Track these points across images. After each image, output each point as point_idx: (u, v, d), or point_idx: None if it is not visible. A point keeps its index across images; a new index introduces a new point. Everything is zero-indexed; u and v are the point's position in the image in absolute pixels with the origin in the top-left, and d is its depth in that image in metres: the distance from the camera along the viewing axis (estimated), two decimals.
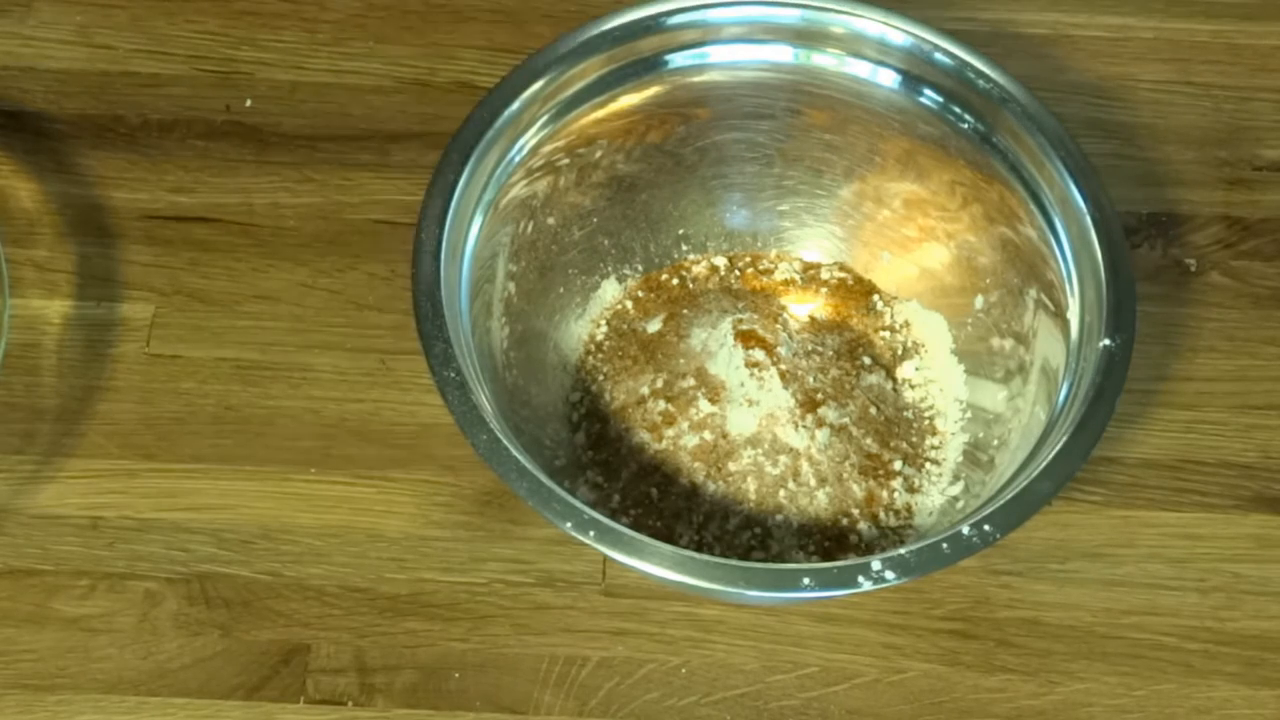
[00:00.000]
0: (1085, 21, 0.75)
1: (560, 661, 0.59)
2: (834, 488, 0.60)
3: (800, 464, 0.60)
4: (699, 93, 0.63)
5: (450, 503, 0.62)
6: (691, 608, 0.60)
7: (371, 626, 0.59)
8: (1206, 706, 0.59)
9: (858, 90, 0.63)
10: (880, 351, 0.65)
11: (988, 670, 0.59)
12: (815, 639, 0.60)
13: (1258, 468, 0.64)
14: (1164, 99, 0.73)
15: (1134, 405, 0.64)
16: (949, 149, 0.62)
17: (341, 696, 0.58)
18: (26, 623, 0.59)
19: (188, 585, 0.60)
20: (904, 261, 0.66)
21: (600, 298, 0.66)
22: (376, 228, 0.67)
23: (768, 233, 0.67)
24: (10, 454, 0.62)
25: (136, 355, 0.65)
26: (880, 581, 0.51)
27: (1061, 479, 0.54)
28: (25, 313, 0.64)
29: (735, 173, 0.66)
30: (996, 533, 0.52)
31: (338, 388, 0.64)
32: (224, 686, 0.58)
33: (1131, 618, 0.60)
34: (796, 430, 0.60)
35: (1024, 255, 0.61)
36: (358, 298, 0.66)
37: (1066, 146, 0.60)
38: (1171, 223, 0.69)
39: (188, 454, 0.63)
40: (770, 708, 0.59)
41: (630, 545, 0.52)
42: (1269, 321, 0.67)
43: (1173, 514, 0.63)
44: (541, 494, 0.52)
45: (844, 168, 0.65)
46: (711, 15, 0.62)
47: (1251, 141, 0.72)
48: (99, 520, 0.61)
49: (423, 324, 0.55)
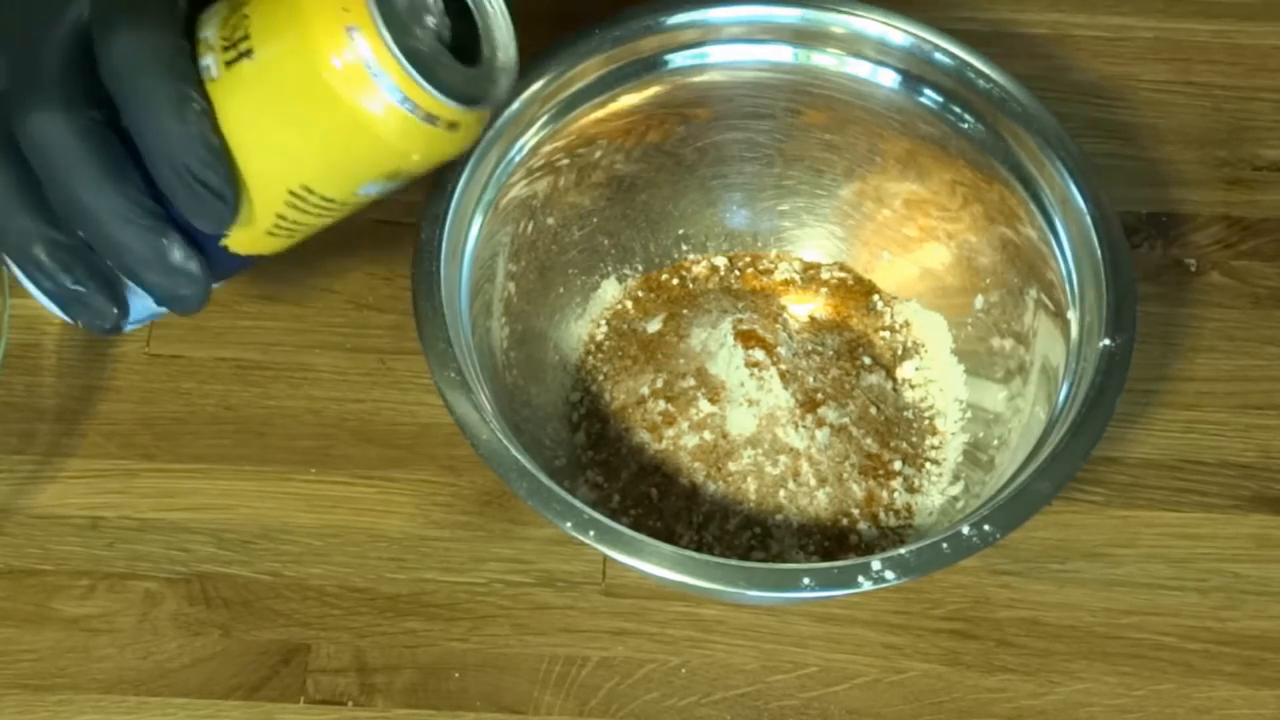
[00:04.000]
0: (1085, 21, 0.75)
1: (560, 661, 0.59)
2: (834, 488, 0.60)
3: (800, 464, 0.60)
4: (699, 93, 0.63)
5: (450, 503, 0.62)
6: (691, 608, 0.60)
7: (371, 626, 0.60)
8: (1206, 706, 0.59)
9: (858, 90, 0.63)
10: (880, 351, 0.65)
11: (988, 670, 0.59)
12: (815, 639, 0.60)
13: (1258, 468, 0.64)
14: (1164, 99, 0.73)
15: (1134, 405, 0.64)
16: (949, 149, 0.62)
17: (341, 696, 0.58)
18: (26, 623, 0.59)
19: (188, 585, 0.60)
20: (904, 261, 0.66)
21: (600, 298, 0.66)
22: (376, 228, 0.67)
23: (768, 233, 0.67)
24: (10, 454, 0.62)
25: (136, 355, 0.65)
26: (880, 581, 0.51)
27: (1061, 479, 0.54)
28: (25, 313, 0.64)
29: (735, 173, 0.66)
30: (996, 533, 0.52)
31: (338, 388, 0.64)
32: (224, 686, 0.58)
33: (1131, 618, 0.61)
34: (796, 430, 0.60)
35: (1024, 255, 0.61)
36: (358, 298, 0.66)
37: (1066, 146, 0.60)
38: (1171, 223, 0.69)
39: (188, 454, 0.63)
40: (770, 708, 0.59)
41: (630, 545, 0.52)
42: (1269, 321, 0.67)
43: (1173, 514, 0.63)
44: (541, 494, 0.52)
45: (844, 168, 0.65)
46: (711, 15, 0.62)
47: (1251, 141, 0.72)
48: (99, 520, 0.61)
49: (423, 324, 0.55)
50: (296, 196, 0.47)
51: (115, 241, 0.46)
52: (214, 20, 0.47)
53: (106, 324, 0.49)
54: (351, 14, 0.44)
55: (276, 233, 0.49)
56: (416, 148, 0.47)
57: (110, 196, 0.46)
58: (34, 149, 0.46)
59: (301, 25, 0.45)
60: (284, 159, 0.47)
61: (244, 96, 0.46)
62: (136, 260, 0.47)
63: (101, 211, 0.46)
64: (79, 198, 0.46)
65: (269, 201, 0.47)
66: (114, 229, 0.46)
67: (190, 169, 0.45)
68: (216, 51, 0.46)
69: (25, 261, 0.47)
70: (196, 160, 0.45)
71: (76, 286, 0.48)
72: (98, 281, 0.48)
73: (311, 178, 0.47)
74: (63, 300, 0.48)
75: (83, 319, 0.49)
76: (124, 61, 0.45)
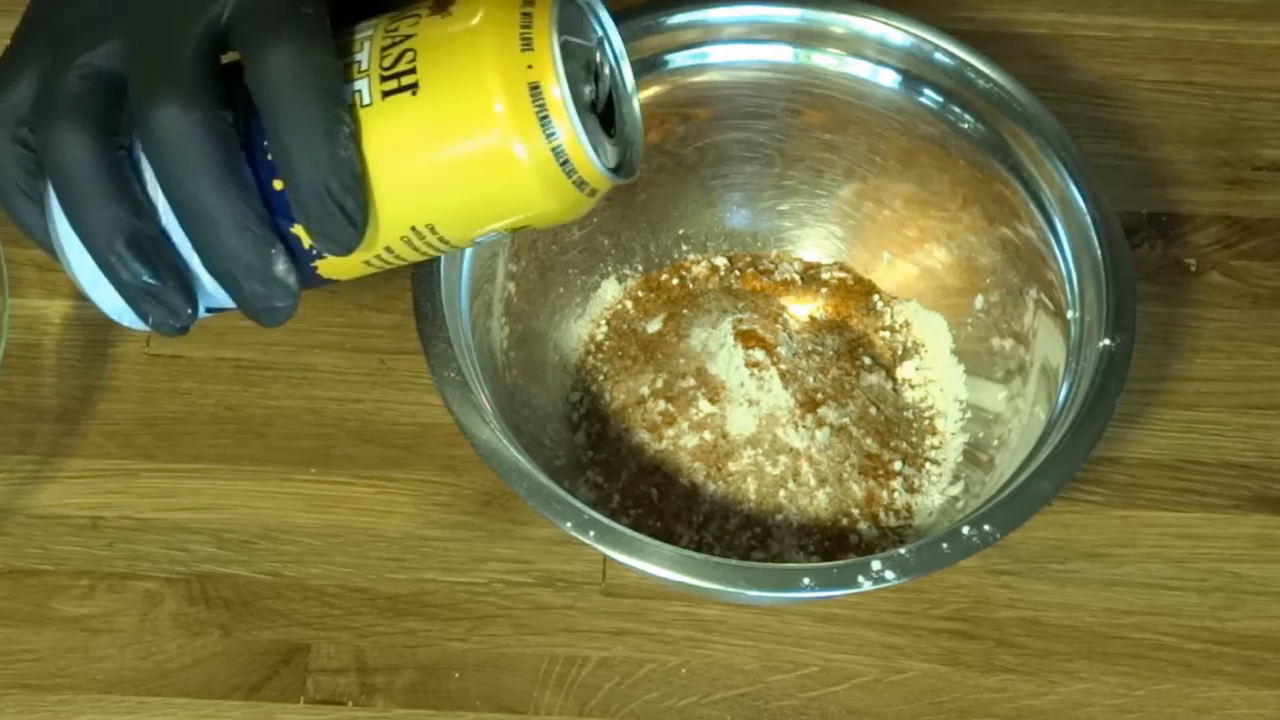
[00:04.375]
0: (1085, 21, 0.75)
1: (560, 661, 0.59)
2: (834, 488, 0.60)
3: (800, 464, 0.60)
4: (699, 93, 0.63)
5: (450, 503, 0.62)
6: (691, 608, 0.60)
7: (371, 626, 0.60)
8: (1206, 706, 0.59)
9: (858, 90, 0.63)
10: (880, 351, 0.65)
11: (988, 670, 0.59)
12: (815, 639, 0.60)
13: (1258, 468, 0.64)
14: (1164, 99, 0.73)
15: (1134, 405, 0.64)
16: (949, 149, 0.62)
17: (341, 696, 0.58)
18: (26, 623, 0.59)
19: (188, 585, 0.60)
20: (904, 261, 0.66)
21: (600, 298, 0.66)
22: None
23: (768, 233, 0.67)
24: (10, 454, 0.62)
25: (137, 355, 0.65)
26: (880, 581, 0.51)
27: (1061, 479, 0.54)
28: (25, 313, 0.65)
29: (735, 173, 0.66)
30: (996, 533, 0.52)
31: (338, 388, 0.64)
32: (224, 686, 0.58)
33: (1132, 618, 0.61)
34: (796, 430, 0.60)
35: (1024, 255, 0.61)
36: (358, 298, 0.66)
37: (1066, 146, 0.60)
38: (1171, 223, 0.69)
39: (188, 454, 0.63)
40: (770, 708, 0.59)
41: (630, 545, 0.52)
42: (1269, 321, 0.67)
43: (1173, 514, 0.63)
44: (541, 494, 0.52)
45: (844, 168, 0.65)
46: (711, 15, 0.62)
47: (1251, 141, 0.72)
48: (99, 520, 0.61)
49: (423, 324, 0.55)
50: (416, 233, 0.47)
51: (226, 245, 0.46)
52: (370, 45, 0.46)
53: (180, 322, 0.48)
54: (535, 71, 0.44)
55: (373, 263, 0.48)
56: (556, 206, 0.47)
57: (233, 199, 0.45)
58: (159, 141, 0.45)
59: (479, 71, 0.45)
60: (420, 195, 0.46)
61: (397, 129, 0.45)
62: (242, 267, 0.46)
63: (221, 213, 0.45)
64: (201, 197, 0.45)
65: (386, 233, 0.47)
66: (228, 233, 0.46)
67: (331, 191, 0.45)
68: (372, 79, 0.46)
69: (107, 253, 0.47)
70: (339, 183, 0.45)
71: (154, 281, 0.47)
72: (176, 278, 0.47)
73: (440, 218, 0.47)
74: (135, 296, 0.47)
75: (155, 316, 0.48)
76: (280, 74, 0.44)
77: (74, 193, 0.46)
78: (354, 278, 0.50)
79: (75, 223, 0.47)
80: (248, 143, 0.46)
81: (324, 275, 0.49)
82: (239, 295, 0.48)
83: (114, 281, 0.48)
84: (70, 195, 0.46)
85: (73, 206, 0.46)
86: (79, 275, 0.49)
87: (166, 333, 0.49)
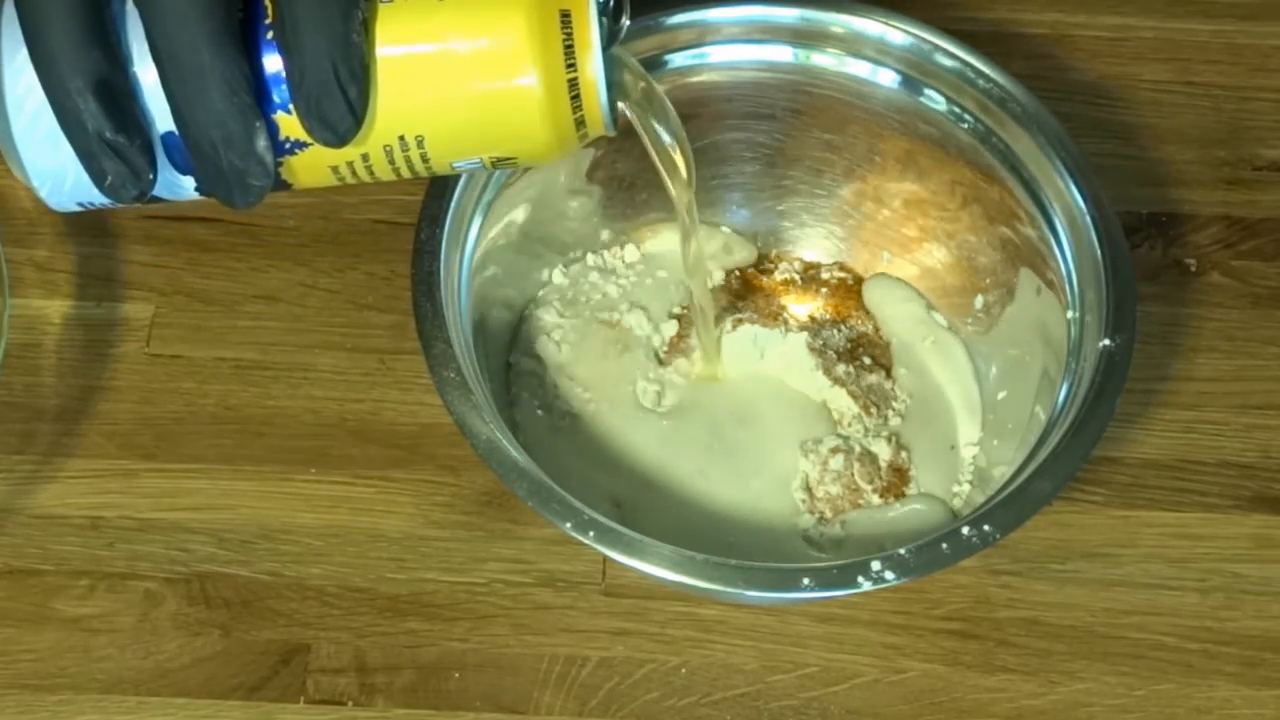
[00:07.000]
0: (1085, 21, 0.75)
1: (560, 661, 0.59)
2: (834, 487, 0.60)
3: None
4: (699, 93, 0.63)
5: (450, 503, 0.62)
6: (691, 608, 0.60)
7: (371, 626, 0.60)
8: (1206, 706, 0.59)
9: (858, 90, 0.63)
10: (880, 351, 0.65)
11: (988, 670, 0.59)
12: (815, 639, 0.60)
13: (1258, 468, 0.64)
14: (1164, 99, 0.73)
15: (1134, 405, 0.64)
16: (949, 149, 0.62)
17: (341, 696, 0.58)
18: (26, 623, 0.59)
19: (188, 585, 0.60)
20: (904, 261, 0.66)
21: None
22: (376, 228, 0.67)
23: (768, 233, 0.67)
24: (10, 454, 0.62)
25: (136, 355, 0.65)
26: (880, 581, 0.51)
27: (1061, 479, 0.54)
28: (25, 313, 0.64)
29: (735, 173, 0.66)
30: (996, 533, 0.52)
31: (338, 388, 0.64)
32: (224, 686, 0.58)
33: (1132, 618, 0.60)
34: None
35: (1024, 255, 0.61)
36: (358, 298, 0.66)
37: (1066, 146, 0.60)
38: (1171, 223, 0.69)
39: (188, 454, 0.63)
40: (770, 708, 0.59)
41: (630, 545, 0.52)
42: (1269, 321, 0.67)
43: (1173, 514, 0.63)
44: (541, 494, 0.52)
45: (844, 168, 0.65)
46: (711, 15, 0.62)
47: (1251, 141, 0.72)
48: (99, 520, 0.61)
49: (423, 324, 0.55)
50: (402, 143, 0.46)
51: (213, 109, 0.43)
52: None
53: (139, 186, 0.45)
54: None
55: (341, 171, 0.47)
56: (548, 138, 0.46)
57: (227, 59, 0.43)
58: None
59: None
60: (418, 102, 0.45)
61: (414, 28, 0.44)
62: (224, 134, 0.44)
63: (213, 73, 0.43)
64: (195, 50, 0.43)
65: (373, 137, 0.45)
66: (218, 95, 0.43)
67: (338, 75, 0.43)
68: None
69: (76, 97, 0.44)
70: (347, 69, 0.43)
71: (118, 136, 0.44)
72: (141, 138, 0.45)
73: (432, 130, 0.46)
74: (96, 150, 0.44)
75: (113, 177, 0.45)
76: None
77: (49, 31, 0.43)
78: (312, 186, 0.48)
79: (43, 64, 0.44)
80: (246, 18, 0.44)
81: (285, 176, 0.47)
82: (213, 169, 0.45)
83: (73, 133, 0.44)
84: (43, 33, 0.43)
85: (43, 46, 0.43)
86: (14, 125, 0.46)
87: (120, 199, 0.46)
